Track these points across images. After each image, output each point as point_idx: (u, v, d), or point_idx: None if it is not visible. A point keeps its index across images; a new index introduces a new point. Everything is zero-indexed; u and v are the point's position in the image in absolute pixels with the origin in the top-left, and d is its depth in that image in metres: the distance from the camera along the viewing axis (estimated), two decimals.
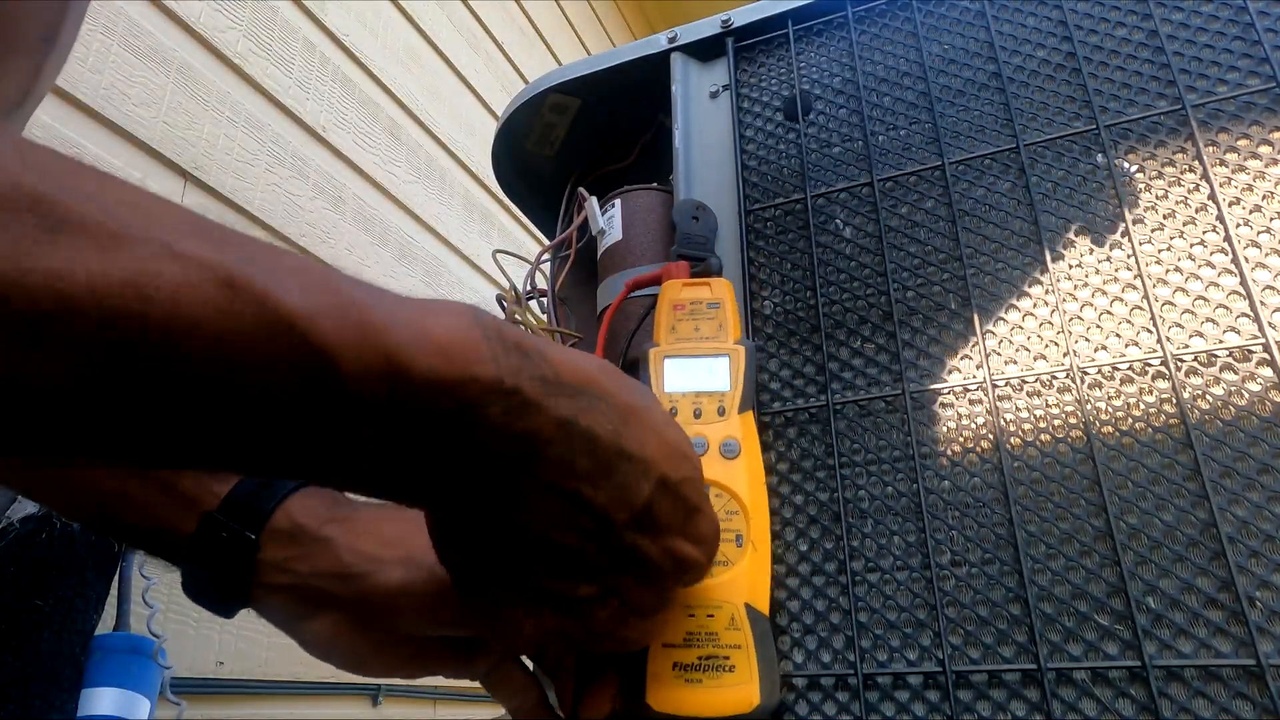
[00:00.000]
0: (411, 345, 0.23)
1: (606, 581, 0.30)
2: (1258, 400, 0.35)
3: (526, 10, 1.99)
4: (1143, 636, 0.33)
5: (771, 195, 0.50)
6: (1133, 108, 0.42)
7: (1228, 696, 0.31)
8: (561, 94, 0.61)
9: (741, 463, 0.40)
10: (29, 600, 0.62)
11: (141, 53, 0.98)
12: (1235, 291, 0.36)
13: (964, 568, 0.37)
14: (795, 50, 0.52)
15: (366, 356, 0.22)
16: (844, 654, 0.38)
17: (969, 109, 0.46)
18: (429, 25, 1.59)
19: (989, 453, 0.38)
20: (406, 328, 0.23)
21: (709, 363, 0.42)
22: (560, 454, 0.26)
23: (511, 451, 0.26)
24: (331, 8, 1.31)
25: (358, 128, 1.35)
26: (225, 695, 0.99)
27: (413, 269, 1.44)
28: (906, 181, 0.46)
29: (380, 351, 0.23)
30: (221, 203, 1.06)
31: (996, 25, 0.47)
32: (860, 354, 0.43)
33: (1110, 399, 0.37)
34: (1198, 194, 0.39)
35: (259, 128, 1.14)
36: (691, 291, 0.45)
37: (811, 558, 0.40)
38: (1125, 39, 0.43)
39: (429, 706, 1.37)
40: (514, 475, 0.26)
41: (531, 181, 0.69)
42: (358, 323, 0.22)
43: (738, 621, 0.36)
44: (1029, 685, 0.34)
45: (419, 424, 0.24)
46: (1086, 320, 0.39)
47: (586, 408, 0.27)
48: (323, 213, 1.24)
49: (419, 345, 0.23)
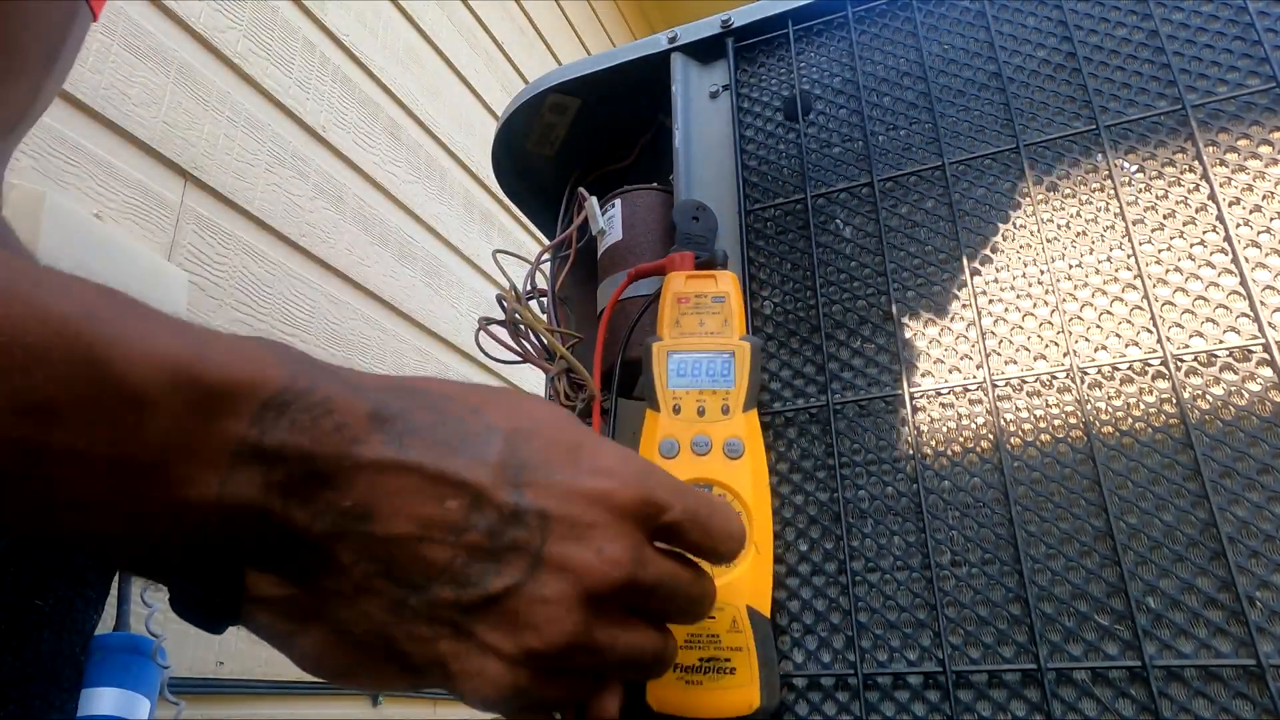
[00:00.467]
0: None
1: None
2: (1258, 400, 0.35)
3: (526, 10, 1.99)
4: (1143, 636, 0.33)
5: (771, 195, 0.50)
6: (1133, 108, 0.42)
7: (1228, 696, 0.31)
8: (561, 94, 0.61)
9: (745, 463, 0.39)
10: (29, 600, 0.62)
11: (141, 53, 0.98)
12: (1235, 291, 0.36)
13: (964, 568, 0.37)
14: (795, 50, 0.52)
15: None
16: (844, 654, 0.38)
17: (969, 109, 0.46)
18: (429, 25, 1.59)
19: (989, 453, 0.38)
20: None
21: (714, 359, 0.42)
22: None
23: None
24: (331, 8, 1.31)
25: (358, 128, 1.35)
26: (225, 695, 0.99)
27: (413, 269, 1.44)
28: (906, 181, 0.46)
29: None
30: (221, 203, 1.06)
31: (996, 25, 0.47)
32: (860, 354, 0.43)
33: (1110, 399, 0.37)
34: (1198, 194, 0.39)
35: (259, 128, 1.14)
36: (696, 284, 0.44)
37: (811, 558, 0.40)
38: (1125, 39, 0.43)
39: (429, 707, 1.37)
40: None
41: (531, 181, 0.69)
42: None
43: (739, 624, 0.36)
44: (1029, 685, 0.34)
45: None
46: (1086, 320, 0.39)
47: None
48: (323, 213, 1.24)
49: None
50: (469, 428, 0.27)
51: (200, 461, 0.23)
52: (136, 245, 0.91)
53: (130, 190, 0.93)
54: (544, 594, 0.26)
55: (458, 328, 1.52)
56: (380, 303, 1.33)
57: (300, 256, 1.18)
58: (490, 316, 0.55)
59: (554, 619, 0.26)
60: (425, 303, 1.45)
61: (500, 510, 0.26)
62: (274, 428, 0.24)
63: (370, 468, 0.25)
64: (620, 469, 0.28)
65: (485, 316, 0.55)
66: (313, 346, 1.15)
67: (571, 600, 0.26)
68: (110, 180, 0.91)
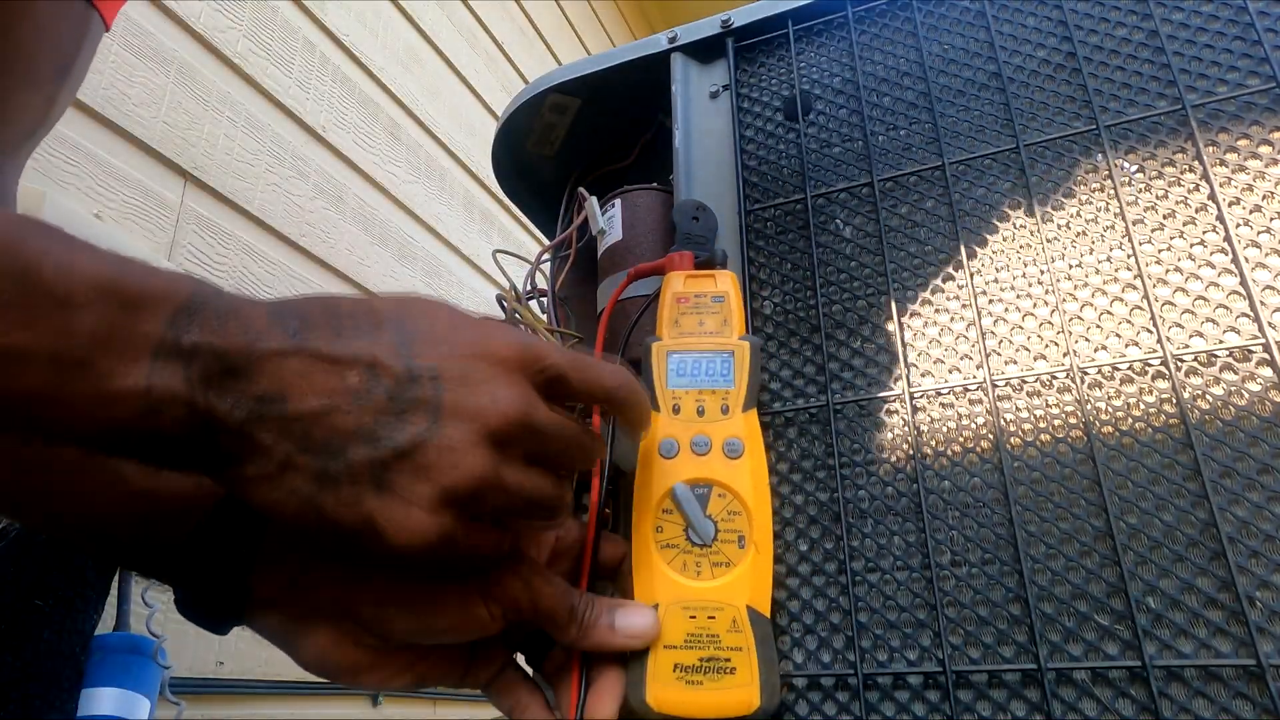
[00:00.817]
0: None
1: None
2: (1258, 400, 0.35)
3: (526, 10, 1.99)
4: (1143, 636, 0.33)
5: (771, 195, 0.50)
6: (1133, 108, 0.42)
7: (1228, 696, 0.31)
8: (561, 94, 0.61)
9: (745, 463, 0.39)
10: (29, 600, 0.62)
11: (141, 53, 0.98)
12: (1235, 291, 0.36)
13: (964, 568, 0.37)
14: (795, 50, 0.52)
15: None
16: (844, 654, 0.38)
17: (969, 109, 0.46)
18: (429, 25, 1.59)
19: (989, 453, 0.38)
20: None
21: (713, 358, 0.42)
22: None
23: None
24: (331, 8, 1.31)
25: (358, 128, 1.35)
26: (225, 695, 0.99)
27: (413, 269, 1.44)
28: (906, 181, 0.46)
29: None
30: (221, 203, 1.06)
31: (996, 25, 0.47)
32: (860, 354, 0.43)
33: (1110, 399, 0.37)
34: (1198, 194, 0.39)
35: (259, 128, 1.14)
36: (696, 283, 0.44)
37: (811, 558, 0.40)
38: (1125, 39, 0.43)
39: (429, 706, 1.37)
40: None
41: (531, 181, 0.69)
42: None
43: (739, 624, 0.36)
44: (1029, 685, 0.34)
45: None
46: (1086, 320, 0.39)
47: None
48: (323, 213, 1.24)
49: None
50: (358, 318, 0.30)
51: (125, 357, 0.26)
52: (136, 245, 0.91)
53: (130, 190, 0.93)
54: (450, 439, 0.29)
55: None
56: None
57: (300, 256, 1.18)
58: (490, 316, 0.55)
59: (463, 459, 0.29)
60: None
61: (396, 375, 0.29)
62: (187, 330, 0.27)
63: (275, 356, 0.28)
64: (500, 331, 0.32)
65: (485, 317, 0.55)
66: None
67: (476, 440, 0.29)
68: (110, 180, 0.91)
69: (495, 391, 0.30)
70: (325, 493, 0.28)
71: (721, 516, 0.39)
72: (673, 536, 0.39)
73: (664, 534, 0.39)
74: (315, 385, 0.28)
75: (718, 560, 0.38)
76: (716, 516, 0.39)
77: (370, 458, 0.28)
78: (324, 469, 0.28)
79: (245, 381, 0.27)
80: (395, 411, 0.29)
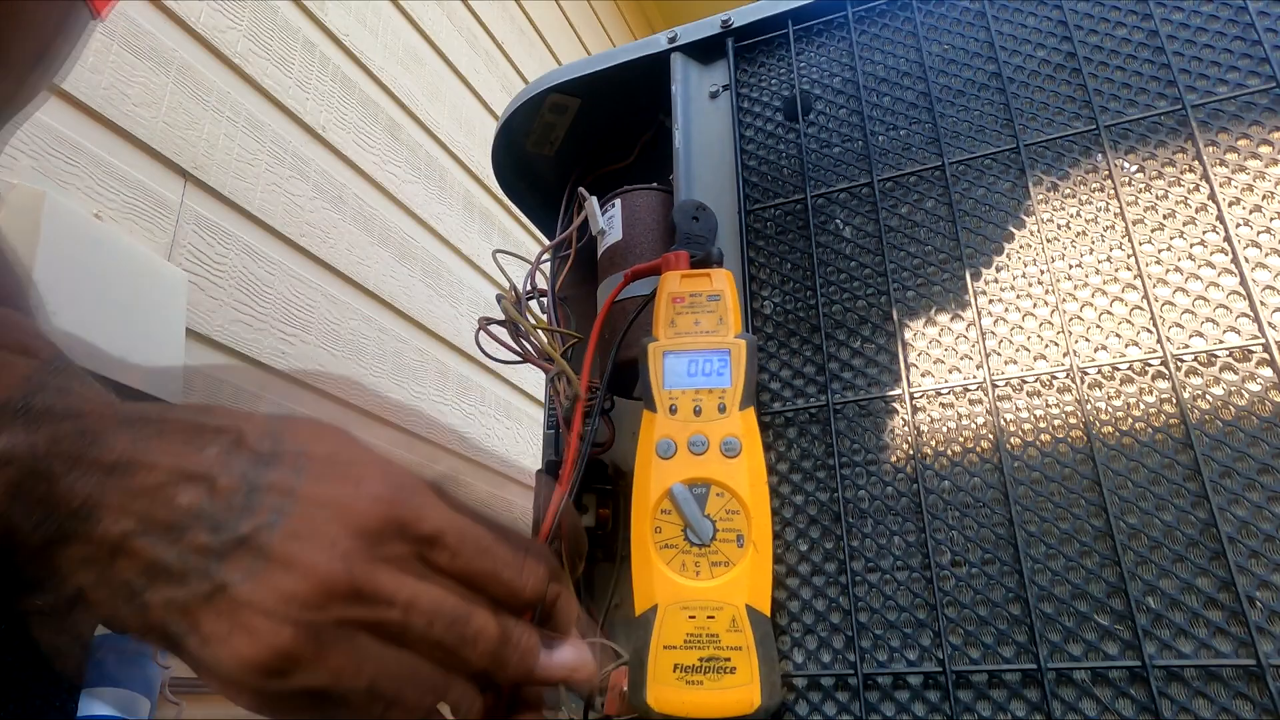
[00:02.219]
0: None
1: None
2: (1258, 400, 0.35)
3: (526, 10, 1.99)
4: (1143, 636, 0.33)
5: (771, 195, 0.50)
6: (1133, 108, 0.42)
7: (1228, 696, 0.31)
8: (561, 94, 0.61)
9: (742, 461, 0.39)
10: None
11: (141, 53, 0.98)
12: (1235, 291, 0.36)
13: (964, 568, 0.37)
14: (795, 50, 0.52)
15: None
16: (844, 654, 0.38)
17: (969, 109, 0.46)
18: (429, 25, 1.59)
19: (989, 453, 0.38)
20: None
21: (709, 357, 0.42)
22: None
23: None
24: (331, 8, 1.31)
25: (358, 128, 1.35)
26: None
27: (413, 269, 1.44)
28: (906, 181, 0.46)
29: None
30: (221, 202, 1.06)
31: (996, 25, 0.47)
32: (860, 354, 0.43)
33: (1110, 399, 0.37)
34: (1198, 194, 0.39)
35: (259, 128, 1.14)
36: (691, 283, 0.44)
37: (811, 558, 0.40)
38: (1125, 39, 0.43)
39: None
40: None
41: (531, 181, 0.69)
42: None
43: (739, 623, 0.36)
44: (1029, 685, 0.34)
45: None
46: (1086, 320, 0.39)
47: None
48: (323, 213, 1.24)
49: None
50: (223, 407, 0.28)
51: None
52: (136, 245, 0.91)
53: (130, 190, 0.93)
54: (302, 528, 0.24)
55: (458, 328, 1.52)
56: (380, 302, 1.33)
57: (300, 256, 1.18)
58: (490, 317, 0.55)
59: (315, 554, 0.24)
60: (425, 303, 1.45)
61: (257, 453, 0.26)
62: (41, 395, 0.25)
63: (129, 425, 0.25)
64: (376, 484, 0.27)
65: (485, 317, 0.55)
66: (313, 346, 1.15)
67: (337, 534, 0.25)
68: (110, 180, 0.91)
69: (365, 480, 0.26)
70: (154, 590, 0.25)
71: (720, 516, 0.39)
72: (671, 537, 0.39)
73: (662, 534, 0.39)
74: (168, 459, 0.25)
75: (716, 560, 0.38)
76: (715, 516, 0.39)
77: (207, 543, 0.24)
78: (155, 560, 0.25)
79: (98, 449, 0.25)
80: (247, 493, 0.25)
